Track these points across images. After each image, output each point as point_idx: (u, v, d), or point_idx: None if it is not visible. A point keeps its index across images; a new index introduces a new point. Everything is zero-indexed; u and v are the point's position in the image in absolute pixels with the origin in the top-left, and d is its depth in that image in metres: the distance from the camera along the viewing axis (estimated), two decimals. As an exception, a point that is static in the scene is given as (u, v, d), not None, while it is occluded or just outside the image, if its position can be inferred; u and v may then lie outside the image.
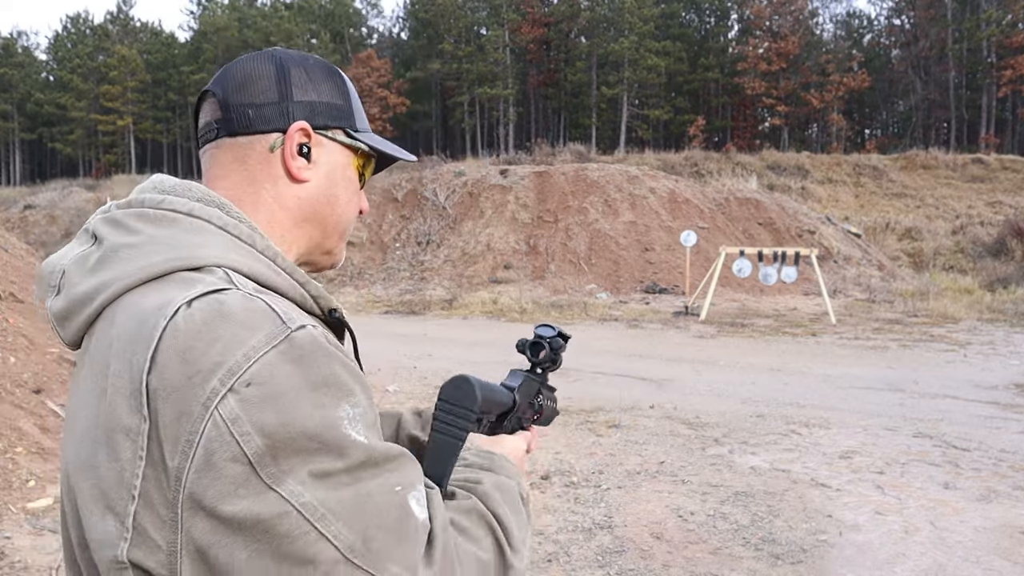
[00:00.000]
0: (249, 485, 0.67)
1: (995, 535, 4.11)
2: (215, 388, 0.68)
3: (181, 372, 0.69)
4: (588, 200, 20.80)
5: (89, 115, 55.16)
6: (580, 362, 9.37)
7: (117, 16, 61.22)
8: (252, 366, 0.68)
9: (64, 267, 0.83)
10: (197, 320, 0.71)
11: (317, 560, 0.68)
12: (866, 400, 7.48)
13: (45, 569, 3.45)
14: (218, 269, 0.78)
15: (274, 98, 0.89)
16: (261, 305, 0.73)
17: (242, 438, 0.67)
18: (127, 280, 0.77)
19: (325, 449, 0.69)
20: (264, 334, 0.70)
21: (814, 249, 15.09)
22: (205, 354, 0.69)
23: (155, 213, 0.82)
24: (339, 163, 0.94)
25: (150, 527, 0.69)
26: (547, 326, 1.12)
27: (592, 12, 51.56)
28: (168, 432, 0.68)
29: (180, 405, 0.68)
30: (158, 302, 0.73)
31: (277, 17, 56.15)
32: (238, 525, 0.67)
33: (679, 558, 3.83)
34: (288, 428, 0.68)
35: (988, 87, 47.35)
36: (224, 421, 0.67)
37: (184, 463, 0.67)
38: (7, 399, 4.87)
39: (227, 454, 0.67)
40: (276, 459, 0.67)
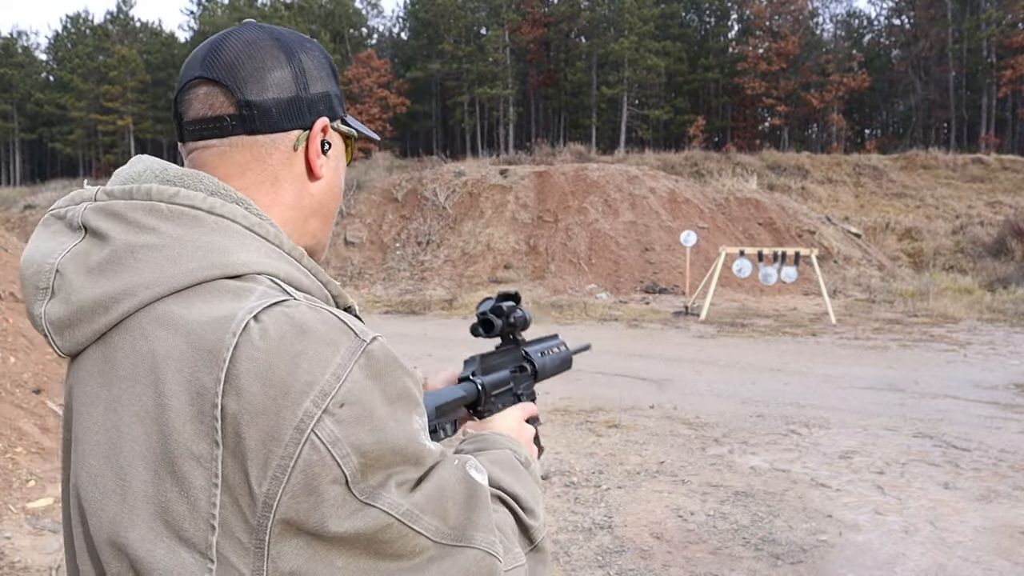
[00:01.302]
0: (348, 504, 0.67)
1: (995, 535, 4.10)
2: (309, 410, 0.65)
3: (266, 394, 0.65)
4: (588, 200, 20.80)
5: (89, 115, 55.16)
6: (580, 362, 9.35)
7: (117, 16, 61.21)
8: (343, 386, 0.67)
9: (57, 266, 0.74)
10: (273, 336, 0.67)
11: (414, 553, 0.71)
12: (866, 400, 7.48)
13: (45, 569, 3.45)
14: (261, 277, 0.74)
15: (293, 92, 0.83)
16: (332, 318, 0.71)
17: (343, 460, 0.66)
18: (157, 288, 0.71)
19: (407, 461, 0.71)
20: (345, 350, 0.69)
21: (814, 249, 15.09)
22: (292, 374, 0.66)
23: (170, 209, 0.74)
24: (339, 153, 0.92)
25: (232, 556, 0.66)
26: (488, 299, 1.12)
27: (592, 12, 51.54)
28: (254, 457, 0.65)
29: (268, 429, 0.65)
30: (213, 316, 0.69)
31: (277, 17, 56.15)
32: (340, 542, 0.67)
33: (679, 558, 3.83)
34: (381, 446, 0.68)
35: (988, 87, 47.34)
36: (324, 444, 0.65)
37: (276, 488, 0.65)
38: (7, 399, 4.87)
39: (329, 477, 0.66)
40: (366, 475, 0.68)
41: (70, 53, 59.23)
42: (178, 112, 0.85)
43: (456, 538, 0.74)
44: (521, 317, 1.13)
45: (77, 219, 0.76)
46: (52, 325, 0.74)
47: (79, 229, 0.76)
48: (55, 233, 0.77)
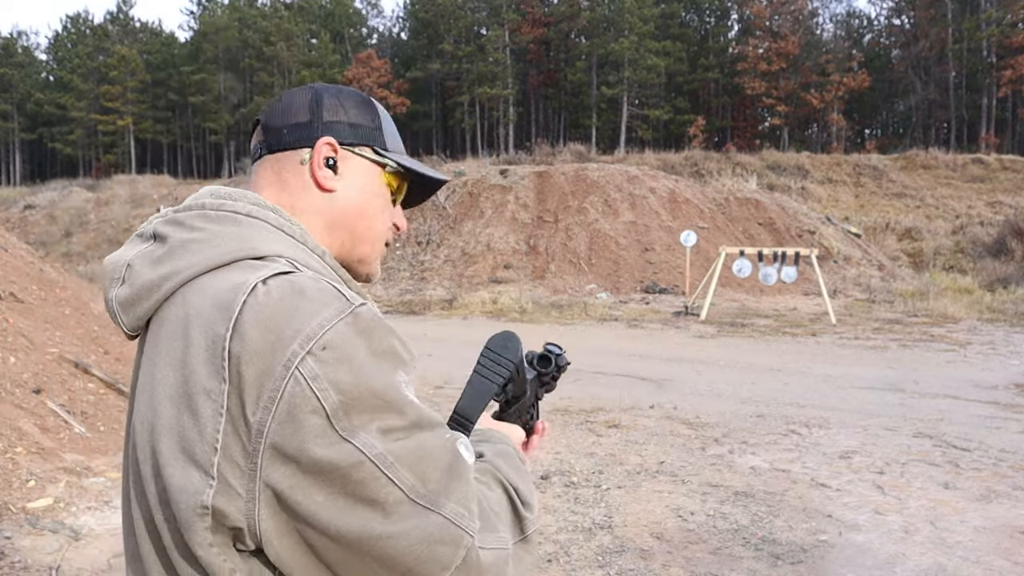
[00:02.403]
0: (327, 436, 0.76)
1: (995, 535, 4.10)
2: (295, 351, 0.77)
3: (263, 338, 0.78)
4: (588, 200, 20.80)
5: (89, 115, 55.16)
6: (580, 362, 9.38)
7: (117, 16, 61.22)
8: (327, 333, 0.78)
9: (128, 261, 0.92)
10: (275, 295, 0.80)
11: (386, 501, 0.78)
12: (866, 400, 7.48)
13: (45, 569, 3.45)
14: (279, 258, 0.88)
15: (306, 119, 1.00)
16: (328, 287, 0.83)
17: (321, 393, 0.76)
18: (196, 267, 0.86)
19: (389, 407, 0.79)
20: (334, 308, 0.80)
21: (814, 249, 15.09)
22: (286, 323, 0.78)
23: (216, 214, 0.92)
24: (369, 178, 1.03)
25: (231, 476, 0.78)
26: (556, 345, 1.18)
27: (592, 12, 51.55)
28: (250, 391, 0.77)
29: (262, 367, 0.77)
30: (233, 282, 0.83)
31: (277, 17, 56.13)
32: (317, 470, 0.76)
33: (679, 558, 3.83)
34: (359, 387, 0.77)
35: (988, 87, 47.33)
36: (305, 378, 0.76)
37: (266, 417, 0.76)
38: (7, 399, 4.87)
39: (308, 407, 0.76)
40: (349, 414, 0.77)
41: (70, 53, 59.25)
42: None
43: (430, 501, 0.79)
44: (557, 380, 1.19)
45: (149, 230, 0.94)
46: (120, 305, 0.90)
47: (150, 237, 0.94)
48: (134, 245, 0.95)
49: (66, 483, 4.33)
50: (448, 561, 0.81)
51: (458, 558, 0.81)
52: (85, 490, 4.31)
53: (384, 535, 0.78)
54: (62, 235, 28.32)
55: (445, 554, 0.80)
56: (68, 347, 6.09)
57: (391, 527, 0.78)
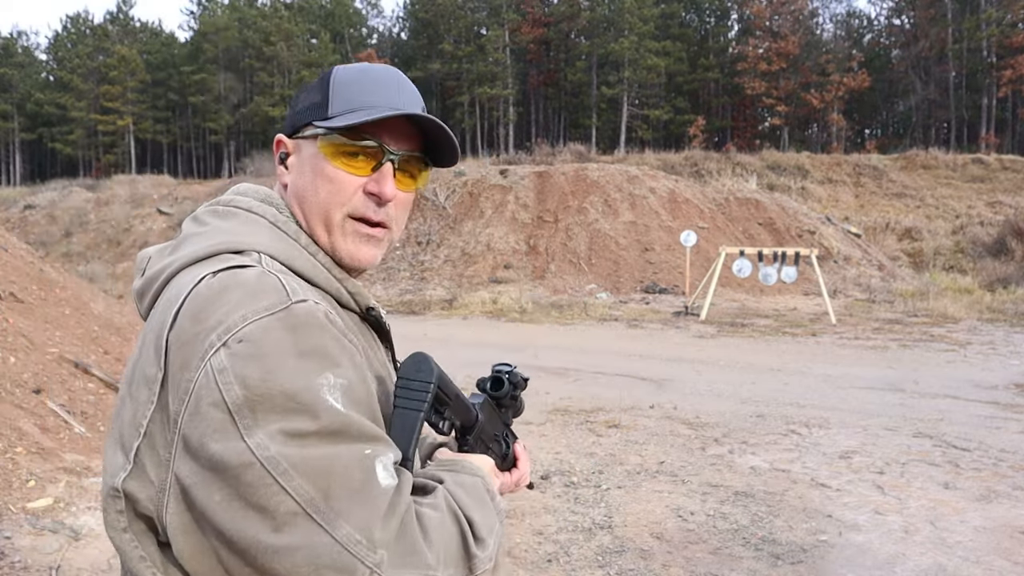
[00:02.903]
0: (225, 431, 0.74)
1: (995, 535, 4.10)
2: (212, 342, 0.77)
3: (190, 329, 0.79)
4: (588, 200, 20.80)
5: (89, 115, 55.14)
6: (580, 362, 9.38)
7: (117, 16, 61.20)
8: (247, 326, 0.77)
9: (150, 254, 0.98)
10: (215, 287, 0.81)
11: (276, 511, 0.73)
12: (866, 400, 7.48)
13: (45, 569, 3.45)
14: (255, 253, 0.89)
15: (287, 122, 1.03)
16: (272, 280, 0.82)
17: (224, 387, 0.74)
18: (182, 260, 0.90)
19: (300, 410, 0.75)
20: (267, 302, 0.79)
21: (814, 249, 15.09)
22: (212, 314, 0.78)
23: (224, 210, 0.96)
24: (307, 155, 0.98)
25: (148, 464, 0.79)
26: (505, 364, 1.14)
27: (592, 12, 51.54)
28: (173, 380, 0.78)
29: (185, 356, 0.78)
30: (195, 274, 0.85)
31: (277, 17, 56.12)
32: (213, 467, 0.74)
33: (679, 558, 3.83)
34: (267, 384, 0.74)
35: (988, 87, 47.31)
36: (213, 371, 0.75)
37: (180, 408, 0.76)
38: (7, 399, 4.86)
39: (210, 399, 0.74)
40: (254, 411, 0.74)
41: (70, 53, 59.21)
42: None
43: (324, 519, 0.73)
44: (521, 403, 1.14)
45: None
46: (136, 294, 0.96)
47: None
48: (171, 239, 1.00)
49: (66, 483, 4.33)
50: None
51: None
52: (85, 490, 4.31)
53: (270, 548, 0.72)
54: (62, 235, 28.32)
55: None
56: (68, 347, 6.09)
57: (277, 540, 0.72)
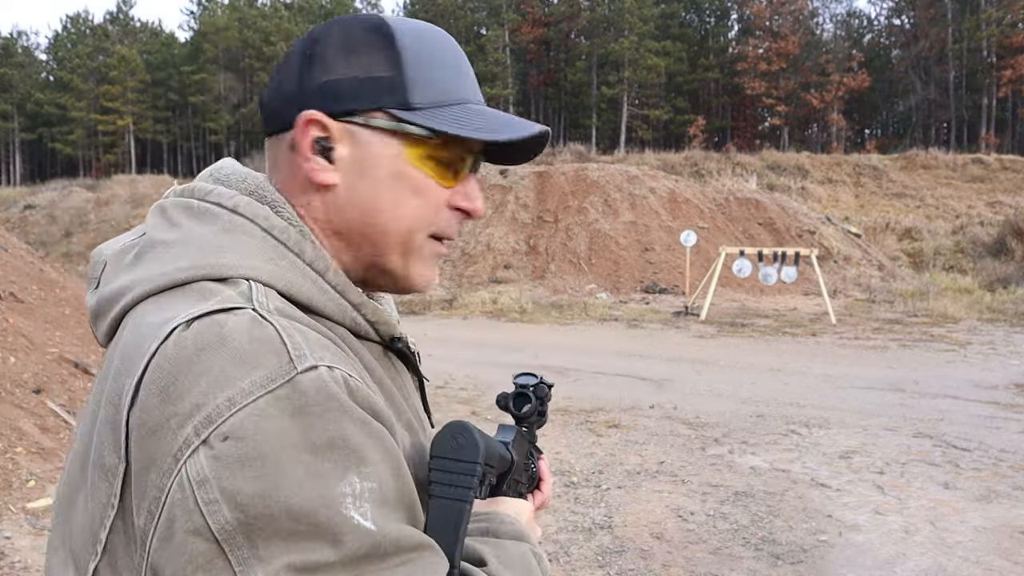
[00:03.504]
0: (212, 569, 0.53)
1: (995, 535, 4.10)
2: (187, 438, 0.54)
3: (160, 412, 0.56)
4: (588, 200, 20.80)
5: (89, 115, 55.16)
6: (580, 362, 9.38)
7: (117, 16, 61.22)
8: (235, 415, 0.54)
9: (107, 259, 0.72)
10: (189, 347, 0.57)
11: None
12: (866, 400, 7.48)
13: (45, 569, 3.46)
14: (244, 282, 0.64)
15: (294, 84, 0.71)
16: (270, 332, 0.58)
17: (207, 507, 0.53)
18: (147, 286, 0.65)
19: (315, 534, 0.54)
20: (262, 374, 0.56)
21: (814, 249, 15.09)
22: (188, 392, 0.55)
23: (199, 206, 0.69)
24: (379, 157, 0.70)
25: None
26: (528, 374, 0.97)
27: (592, 12, 51.56)
28: (138, 483, 0.56)
29: (151, 451, 0.56)
30: (161, 318, 0.61)
31: (277, 17, 56.15)
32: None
33: (679, 558, 3.83)
34: (267, 501, 0.53)
35: (988, 87, 47.34)
36: (189, 482, 0.54)
37: (149, 525, 0.55)
38: (7, 399, 4.87)
39: (188, 525, 0.53)
40: (251, 540, 0.53)
41: (70, 53, 59.23)
42: None
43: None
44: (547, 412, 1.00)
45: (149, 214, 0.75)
46: (91, 315, 0.71)
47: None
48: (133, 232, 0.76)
49: (66, 483, 4.33)
50: None
51: None
52: (85, 490, 4.31)
53: None
54: (62, 235, 28.33)
55: None
56: (68, 347, 6.09)
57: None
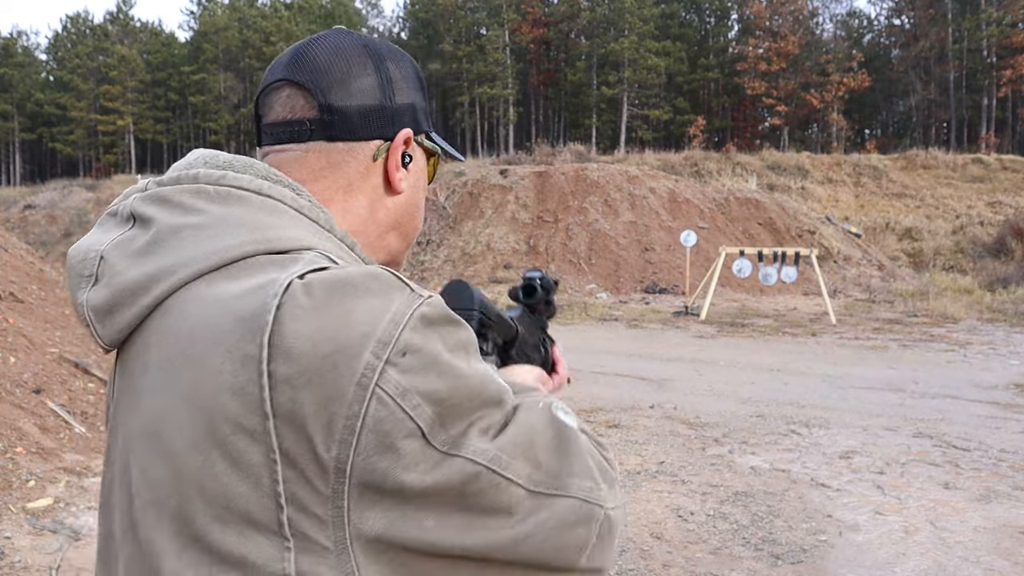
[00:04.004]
0: (428, 458, 0.62)
1: (995, 535, 4.10)
2: (370, 363, 0.61)
3: (318, 352, 0.61)
4: (588, 200, 20.80)
5: (89, 115, 55.17)
6: (580, 362, 9.37)
7: (117, 16, 61.22)
8: (402, 333, 0.62)
9: (102, 252, 0.72)
10: (319, 294, 0.62)
11: (509, 504, 0.65)
12: (866, 400, 7.48)
13: (45, 569, 3.45)
14: (308, 251, 0.70)
15: (377, 100, 0.80)
16: (384, 275, 0.66)
17: (414, 411, 0.61)
18: (198, 265, 0.68)
19: (486, 403, 0.66)
20: (400, 301, 0.64)
21: (814, 249, 15.09)
22: (345, 328, 0.61)
23: (216, 190, 0.72)
24: (422, 168, 0.87)
25: (310, 530, 0.62)
26: (535, 270, 1.11)
27: (592, 12, 51.56)
28: (314, 422, 0.60)
29: (326, 389, 0.60)
30: (252, 284, 0.65)
31: (277, 17, 56.15)
32: (426, 498, 0.62)
33: (679, 558, 3.83)
34: (454, 392, 0.64)
35: (988, 87, 47.35)
36: (391, 397, 0.61)
37: (346, 451, 0.60)
38: (7, 399, 4.87)
39: (403, 431, 0.61)
40: (444, 425, 0.63)
41: (70, 53, 59.23)
42: (258, 114, 0.84)
43: (551, 486, 0.67)
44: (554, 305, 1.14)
45: (126, 210, 0.74)
46: (94, 312, 0.71)
47: (128, 219, 0.74)
48: (107, 228, 0.75)
49: (66, 483, 4.33)
50: (584, 541, 0.69)
51: (593, 534, 0.70)
52: (85, 490, 4.31)
53: (516, 538, 0.66)
54: (62, 235, 28.32)
55: (581, 536, 0.69)
56: (68, 347, 6.09)
57: (522, 527, 0.66)
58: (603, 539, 0.71)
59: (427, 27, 55.12)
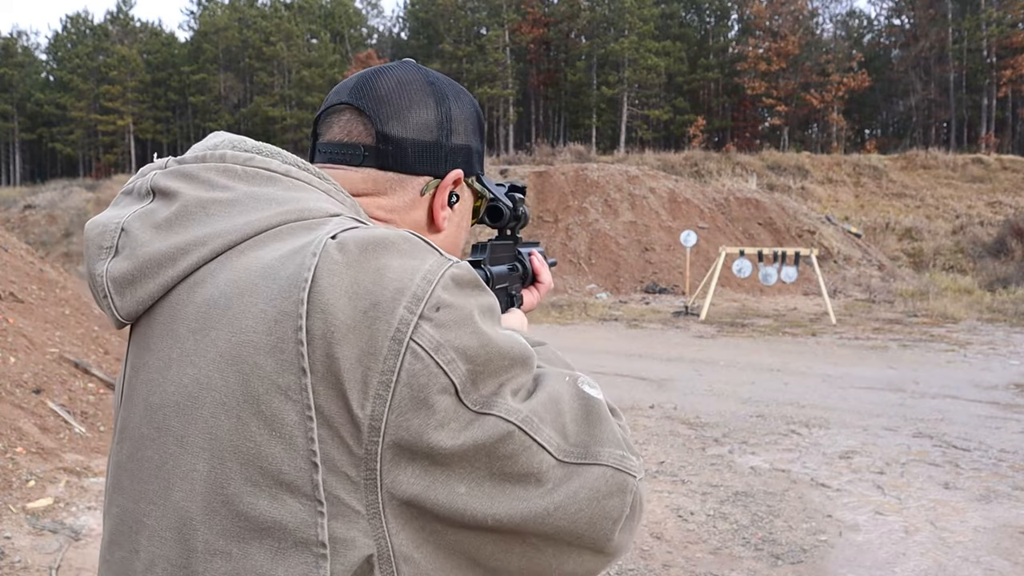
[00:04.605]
0: (461, 416, 0.62)
1: (995, 535, 4.11)
2: (404, 318, 0.61)
3: (355, 308, 0.61)
4: (588, 200, 20.80)
5: (89, 115, 55.16)
6: (580, 362, 9.37)
7: (117, 16, 61.21)
8: (435, 290, 0.63)
9: (123, 224, 0.72)
10: (353, 251, 0.63)
11: (540, 470, 0.64)
12: (866, 400, 7.48)
13: (45, 569, 3.46)
14: (336, 217, 0.71)
15: (434, 138, 0.82)
16: (415, 238, 0.67)
17: (448, 366, 0.61)
18: (231, 236, 0.68)
19: (516, 363, 0.66)
20: (432, 260, 0.65)
21: (814, 249, 15.09)
22: (379, 284, 0.62)
23: (244, 170, 0.73)
24: (467, 210, 0.90)
25: (342, 493, 0.61)
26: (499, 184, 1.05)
27: (592, 12, 51.56)
28: (351, 378, 0.60)
29: (362, 344, 0.60)
30: (287, 249, 0.66)
31: (277, 17, 56.13)
32: (458, 459, 0.62)
33: (679, 558, 3.83)
34: (486, 349, 0.63)
35: (988, 87, 47.34)
36: (426, 351, 0.61)
37: (380, 408, 0.60)
38: (7, 399, 4.87)
39: (436, 386, 0.61)
40: (476, 384, 0.63)
41: (70, 53, 59.23)
42: (316, 132, 0.85)
43: (580, 455, 0.67)
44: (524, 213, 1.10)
45: (146, 186, 0.74)
46: (114, 283, 0.70)
47: (148, 195, 0.73)
48: (124, 205, 0.75)
49: (66, 483, 4.33)
50: (619, 512, 0.68)
51: (627, 505, 0.69)
52: (85, 490, 4.31)
53: (548, 509, 0.65)
54: (62, 235, 28.32)
55: (616, 506, 0.68)
56: (68, 347, 6.09)
57: (554, 497, 0.65)
58: (635, 511, 0.71)
59: (427, 27, 55.10)
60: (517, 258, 1.10)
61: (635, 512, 0.71)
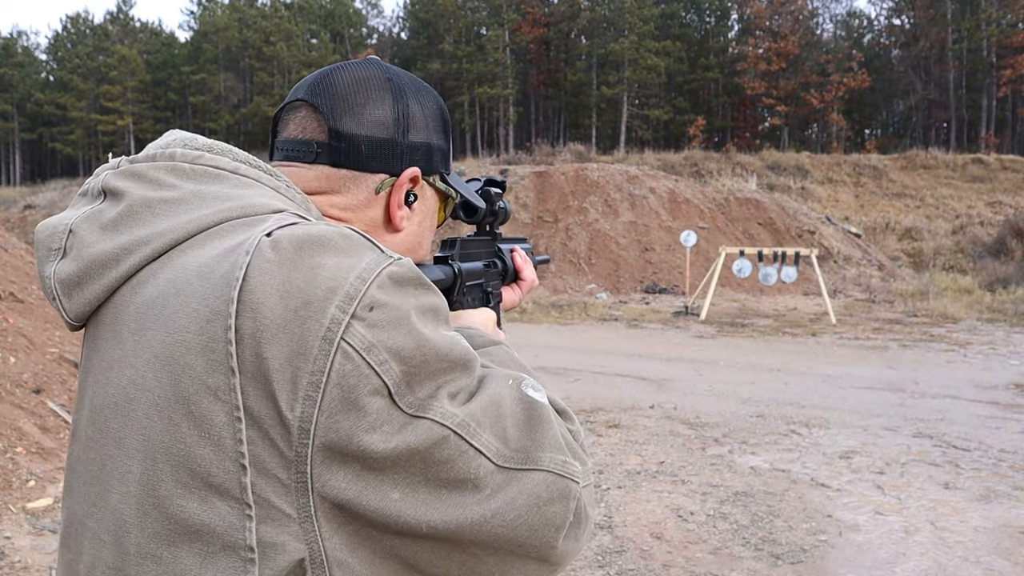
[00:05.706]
0: (394, 419, 0.60)
1: (995, 535, 4.10)
2: (335, 317, 0.59)
3: (285, 307, 0.59)
4: (588, 200, 20.80)
5: (89, 115, 55.15)
6: (580, 362, 9.38)
7: (117, 16, 61.21)
8: (369, 288, 0.61)
9: (70, 226, 0.71)
10: (287, 249, 0.61)
11: (476, 476, 0.63)
12: (866, 400, 7.48)
13: (45, 569, 3.45)
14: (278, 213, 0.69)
15: (389, 135, 0.80)
16: (355, 235, 0.65)
17: (380, 367, 0.60)
18: (172, 235, 0.67)
19: (455, 366, 0.64)
20: (370, 258, 0.63)
21: (814, 249, 15.09)
22: (311, 283, 0.60)
23: (192, 168, 0.72)
24: (431, 209, 0.87)
25: (272, 496, 0.60)
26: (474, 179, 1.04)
27: (592, 12, 51.55)
28: (280, 378, 0.59)
29: (292, 344, 0.59)
30: (224, 247, 0.64)
31: (277, 17, 56.13)
32: (391, 464, 0.60)
33: (679, 558, 3.83)
34: (422, 351, 0.62)
35: (988, 87, 47.33)
36: (357, 351, 0.59)
37: (310, 409, 0.58)
38: (7, 399, 4.87)
39: (367, 387, 0.59)
40: (411, 386, 0.61)
41: (70, 53, 59.22)
42: (274, 130, 0.84)
43: (520, 461, 0.65)
44: (503, 209, 1.07)
45: (98, 187, 0.74)
46: (61, 285, 0.70)
47: (99, 195, 0.74)
48: (78, 206, 0.75)
49: (66, 483, 4.33)
50: (561, 520, 0.67)
51: (570, 512, 0.68)
52: (85, 490, 4.31)
53: (485, 516, 0.63)
54: (62, 235, 28.32)
55: (557, 513, 0.66)
56: (68, 347, 6.09)
57: (492, 503, 0.64)
58: (580, 518, 0.69)
59: (427, 27, 55.08)
60: (496, 254, 1.07)
61: (580, 519, 0.69)
